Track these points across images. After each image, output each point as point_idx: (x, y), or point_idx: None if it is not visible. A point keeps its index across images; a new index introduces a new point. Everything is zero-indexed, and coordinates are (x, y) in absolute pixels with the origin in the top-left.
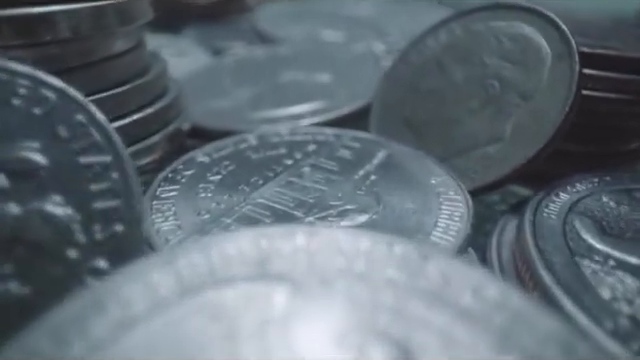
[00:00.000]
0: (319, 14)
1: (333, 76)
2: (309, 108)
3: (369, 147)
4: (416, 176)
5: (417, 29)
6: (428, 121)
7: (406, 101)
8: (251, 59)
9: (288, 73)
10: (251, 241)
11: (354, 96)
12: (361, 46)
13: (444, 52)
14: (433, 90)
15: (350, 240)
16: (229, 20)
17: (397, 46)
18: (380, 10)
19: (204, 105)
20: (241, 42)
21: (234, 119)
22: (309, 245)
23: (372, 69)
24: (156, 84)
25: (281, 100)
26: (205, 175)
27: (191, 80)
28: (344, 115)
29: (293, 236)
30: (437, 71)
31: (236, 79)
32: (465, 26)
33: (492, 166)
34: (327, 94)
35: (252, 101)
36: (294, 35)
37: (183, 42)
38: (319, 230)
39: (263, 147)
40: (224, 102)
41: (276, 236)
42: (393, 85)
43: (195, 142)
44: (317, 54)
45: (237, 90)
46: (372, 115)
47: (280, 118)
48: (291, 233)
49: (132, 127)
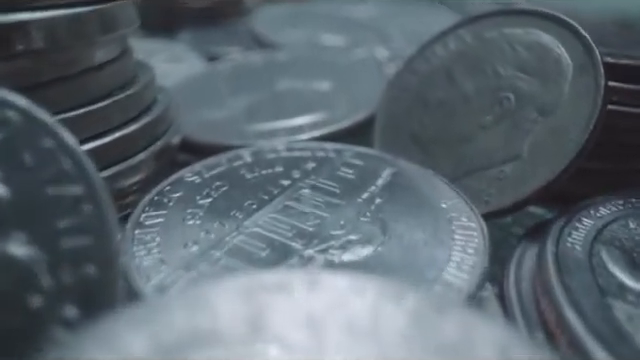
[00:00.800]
0: (318, 17)
1: (333, 84)
2: (308, 120)
3: (373, 165)
4: (425, 199)
5: (421, 32)
6: (437, 136)
7: (413, 114)
8: (247, 66)
9: (286, 81)
10: (242, 295)
11: (356, 107)
12: (362, 51)
13: (454, 61)
14: (442, 102)
15: (354, 291)
16: (226, 23)
17: (401, 51)
18: (381, 12)
19: (197, 116)
20: (238, 47)
21: (228, 132)
22: (308, 300)
23: (375, 77)
24: (142, 97)
25: (278, 111)
26: (194, 198)
27: (184, 88)
28: (345, 128)
29: (290, 289)
30: (446, 82)
31: (231, 87)
32: (476, 33)
33: (508, 188)
34: (327, 105)
35: (248, 112)
36: (292, 40)
37: (177, 47)
38: (319, 279)
39: (258, 165)
40: (218, 113)
41: (271, 288)
42: (398, 96)
43: (187, 157)
44: (316, 60)
45: (232, 100)
46: (376, 128)
47: (277, 131)
48: (288, 284)
49: (115, 145)
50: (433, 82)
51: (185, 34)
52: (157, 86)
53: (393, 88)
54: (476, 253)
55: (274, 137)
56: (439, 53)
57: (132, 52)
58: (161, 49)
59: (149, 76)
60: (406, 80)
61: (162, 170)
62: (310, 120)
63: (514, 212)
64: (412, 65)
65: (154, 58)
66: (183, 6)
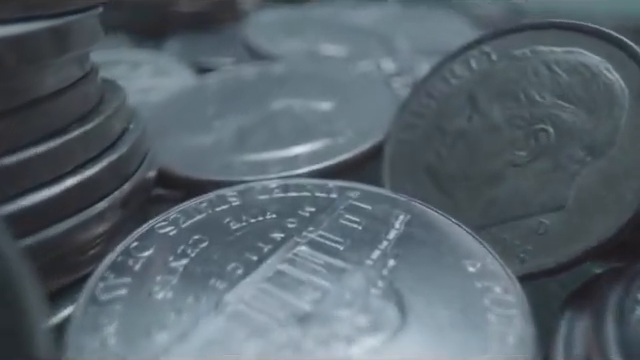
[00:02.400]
0: (317, 23)
1: (335, 104)
2: (306, 149)
3: (383, 210)
4: (448, 259)
5: (429, 40)
6: (458, 172)
7: (429, 144)
8: (239, 81)
9: (281, 100)
10: None
11: (362, 133)
12: (367, 64)
13: (477, 83)
14: (464, 132)
15: None
16: (220, 29)
17: (409, 64)
18: (383, 17)
19: (179, 142)
20: (230, 57)
21: (214, 164)
22: None
23: (382, 96)
24: (107, 130)
25: (273, 137)
26: (167, 259)
27: (167, 108)
28: (350, 160)
29: None
30: (469, 108)
31: (220, 107)
32: (504, 50)
33: (549, 245)
34: (328, 130)
35: (238, 137)
36: (289, 50)
37: (164, 58)
38: None
39: (247, 210)
40: (204, 138)
41: None
42: (412, 122)
43: (166, 192)
44: (316, 75)
45: (220, 122)
46: (385, 158)
47: (270, 163)
48: None
49: (70, 194)
50: (453, 107)
51: (174, 42)
52: (128, 112)
53: (405, 113)
54: (519, 345)
55: (267, 171)
56: (459, 73)
57: (96, 74)
58: (147, 60)
59: (117, 102)
60: (421, 104)
61: (133, 216)
62: (309, 149)
63: (557, 275)
64: (428, 86)
65: (138, 71)
66: (174, 10)
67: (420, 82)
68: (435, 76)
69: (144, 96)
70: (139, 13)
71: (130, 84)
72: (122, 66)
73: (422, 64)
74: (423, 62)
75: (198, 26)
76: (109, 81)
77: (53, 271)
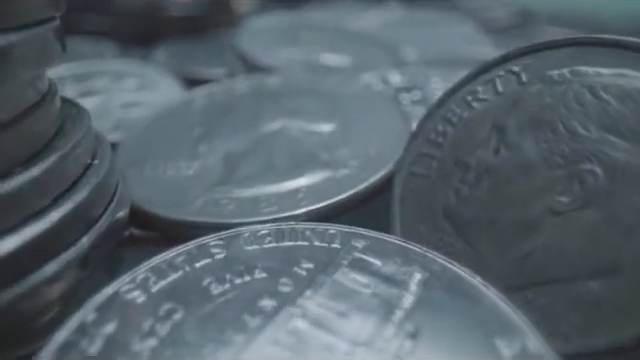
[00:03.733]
0: (316, 29)
1: (337, 126)
2: (304, 184)
3: (396, 266)
4: (476, 336)
5: (438, 48)
6: (483, 217)
7: (447, 180)
8: (229, 96)
9: (276, 120)
10: None
11: (367, 163)
12: (371, 77)
13: (505, 109)
14: (490, 168)
15: None
16: (212, 36)
17: (418, 78)
18: (388, 22)
19: (160, 171)
20: (222, 68)
21: (198, 200)
22: None
23: (391, 115)
24: (63, 171)
25: (265, 168)
26: (129, 339)
27: (147, 129)
28: (354, 196)
29: None
30: (495, 138)
31: (207, 128)
32: (538, 70)
33: (600, 318)
34: (329, 159)
35: (225, 166)
36: (285, 60)
37: (150, 69)
38: None
39: (232, 267)
40: (188, 166)
41: None
42: (426, 152)
43: (141, 233)
44: (315, 89)
45: (207, 147)
46: (395, 196)
47: (262, 200)
48: None
49: (13, 256)
50: (476, 137)
51: (163, 50)
52: (92, 143)
53: (418, 141)
54: None
55: (258, 211)
56: (483, 95)
57: (53, 99)
58: (132, 71)
59: (79, 133)
60: (436, 131)
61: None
62: (307, 183)
63: (613, 356)
64: (445, 110)
65: (122, 83)
66: (164, 15)
67: (436, 105)
68: (453, 98)
69: (125, 112)
70: (127, 18)
71: (111, 98)
72: (105, 78)
73: (432, 77)
74: (433, 74)
75: (190, 32)
76: (72, 104)
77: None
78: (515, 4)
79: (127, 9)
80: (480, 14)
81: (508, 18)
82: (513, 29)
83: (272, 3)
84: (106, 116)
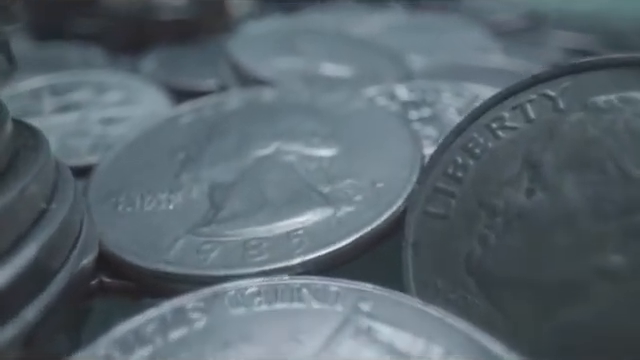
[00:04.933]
0: (315, 35)
1: (339, 150)
2: (301, 225)
3: (411, 339)
4: None
5: (448, 56)
6: (514, 273)
7: (469, 224)
8: (219, 114)
9: (270, 143)
10: None
11: (374, 199)
12: (377, 91)
13: (540, 141)
14: (522, 212)
15: None
16: (205, 43)
17: (428, 92)
18: (392, 26)
19: (136, 208)
20: (214, 79)
21: (177, 245)
22: None
23: (399, 136)
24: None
25: (256, 204)
26: None
27: (125, 154)
28: (358, 243)
29: None
30: (528, 176)
31: (192, 152)
32: (579, 96)
33: None
34: (330, 193)
35: (211, 201)
36: (282, 70)
37: (136, 80)
38: None
39: (213, 342)
40: (168, 201)
41: None
42: (443, 189)
43: (114, 282)
44: (314, 106)
45: (190, 176)
46: (407, 241)
47: (252, 247)
48: None
49: None
50: (504, 173)
51: (152, 58)
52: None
53: (435, 173)
54: None
55: (246, 262)
56: (511, 123)
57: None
58: (116, 83)
59: (34, 169)
60: (455, 163)
61: None
62: (303, 223)
63: None
64: (466, 138)
65: (104, 96)
66: (155, 20)
67: (454, 132)
68: (475, 125)
69: (105, 129)
70: (115, 22)
71: (91, 114)
72: (86, 90)
73: (443, 92)
74: (444, 89)
75: (182, 37)
76: (29, 132)
77: None
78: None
79: (116, 12)
80: (485, 16)
81: (515, 21)
82: (521, 33)
83: (270, 5)
84: (84, 134)
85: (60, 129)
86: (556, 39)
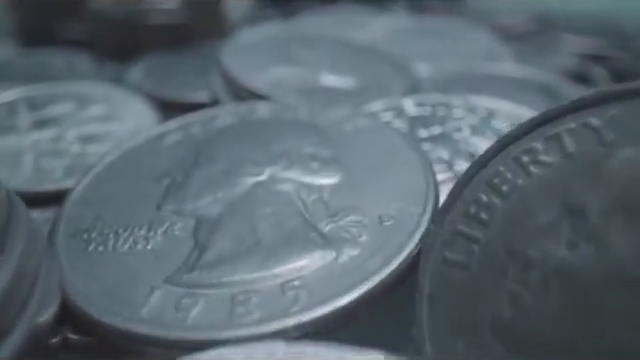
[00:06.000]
0: (315, 42)
1: (341, 177)
2: (297, 272)
3: None
4: None
5: (457, 64)
6: (554, 342)
7: (497, 276)
8: (208, 133)
9: (263, 169)
10: None
11: (383, 236)
12: (382, 106)
13: (582, 182)
14: (563, 268)
15: None
16: (198, 49)
17: (438, 107)
18: (396, 31)
19: (108, 248)
20: (203, 91)
21: (154, 298)
22: None
23: (408, 159)
24: None
25: (246, 243)
26: None
27: (100, 181)
28: (366, 296)
29: None
30: (569, 224)
31: (177, 180)
32: (627, 127)
33: None
34: (331, 233)
35: (195, 240)
36: (278, 82)
37: (120, 93)
38: None
39: None
40: (146, 239)
41: None
42: (464, 231)
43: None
44: (312, 125)
45: (174, 208)
46: (422, 289)
47: (240, 304)
48: None
49: None
50: (540, 219)
51: (141, 67)
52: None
53: (455, 213)
54: None
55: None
56: (546, 157)
57: None
58: (99, 96)
59: None
60: (479, 202)
61: None
62: (300, 271)
63: None
64: (492, 173)
65: (86, 111)
66: (146, 24)
67: (477, 164)
68: (502, 157)
69: (82, 147)
70: (104, 26)
71: (70, 130)
72: (66, 103)
73: (454, 108)
74: (456, 104)
75: (173, 42)
76: None
77: None
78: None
79: (104, 16)
80: (491, 18)
81: (522, 24)
82: (529, 36)
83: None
84: (60, 154)
85: (35, 148)
86: (567, 43)
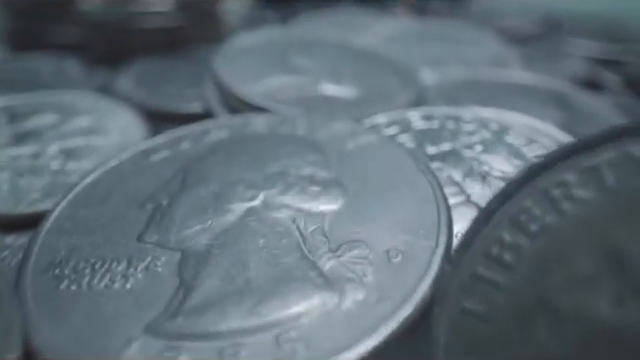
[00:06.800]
0: (314, 47)
1: (344, 203)
2: (294, 320)
3: None
4: None
5: (466, 70)
6: None
7: (524, 329)
8: (198, 150)
9: (258, 192)
10: None
11: (391, 277)
12: (386, 118)
13: (627, 225)
14: (606, 328)
15: None
16: (192, 55)
17: (447, 120)
18: (400, 35)
19: (82, 286)
20: (196, 102)
21: (129, 352)
22: None
23: (418, 184)
24: None
25: (236, 284)
26: None
27: (77, 207)
28: (373, 352)
29: None
30: (612, 276)
31: (162, 206)
32: None
33: None
34: (333, 271)
35: (181, 278)
36: (274, 92)
37: (108, 104)
38: None
39: None
40: (125, 277)
41: None
42: (485, 275)
43: None
44: (313, 139)
45: (156, 239)
46: (437, 339)
47: (229, 352)
48: None
49: None
50: (575, 266)
51: (129, 76)
52: None
53: (473, 254)
54: None
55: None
56: (581, 192)
57: None
58: (85, 107)
59: None
60: (504, 242)
61: None
62: (297, 320)
63: None
64: (517, 208)
65: (69, 123)
66: (138, 28)
67: (499, 196)
68: (529, 189)
69: (63, 164)
70: (94, 29)
71: (51, 145)
72: (50, 114)
73: (465, 123)
74: (465, 114)
75: (167, 48)
76: None
77: None
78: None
79: (94, 19)
80: (495, 20)
81: (532, 28)
82: (536, 39)
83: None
84: (39, 171)
85: (13, 165)
86: (575, 47)
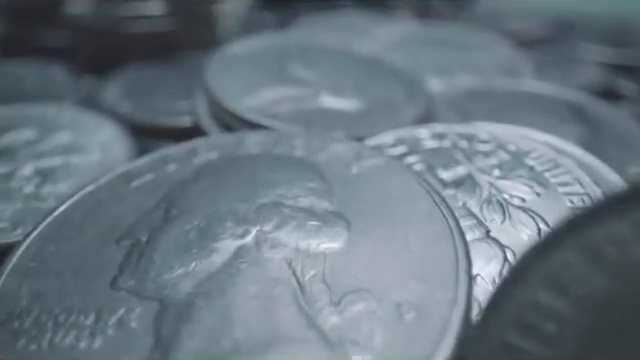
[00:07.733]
0: (313, 54)
1: (347, 242)
2: None
3: None
4: None
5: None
6: None
7: None
8: (184, 175)
9: (251, 228)
10: None
11: (405, 338)
12: (393, 137)
13: None
14: None
15: None
16: (185, 62)
17: (460, 140)
18: (404, 40)
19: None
20: (186, 116)
21: None
22: None
23: (431, 218)
24: None
25: (222, 348)
26: None
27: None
28: None
29: None
30: None
31: (140, 244)
32: None
33: None
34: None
35: (157, 336)
36: (270, 106)
37: (91, 118)
38: None
39: None
40: (93, 333)
41: None
42: (521, 349)
43: None
44: (312, 162)
45: (132, 286)
46: None
47: None
48: None
49: None
50: (634, 340)
51: (116, 86)
52: None
53: (502, 321)
54: None
55: None
56: (637, 249)
57: None
58: (66, 122)
59: None
60: (542, 309)
61: None
62: None
63: None
64: (554, 267)
65: (49, 139)
66: (130, 32)
67: (532, 252)
68: (572, 244)
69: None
70: (82, 34)
71: (26, 164)
72: (27, 129)
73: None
74: (480, 133)
75: (159, 54)
76: None
77: None
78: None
79: (82, 23)
80: (502, 24)
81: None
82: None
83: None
84: (9, 196)
85: None
86: (587, 52)
